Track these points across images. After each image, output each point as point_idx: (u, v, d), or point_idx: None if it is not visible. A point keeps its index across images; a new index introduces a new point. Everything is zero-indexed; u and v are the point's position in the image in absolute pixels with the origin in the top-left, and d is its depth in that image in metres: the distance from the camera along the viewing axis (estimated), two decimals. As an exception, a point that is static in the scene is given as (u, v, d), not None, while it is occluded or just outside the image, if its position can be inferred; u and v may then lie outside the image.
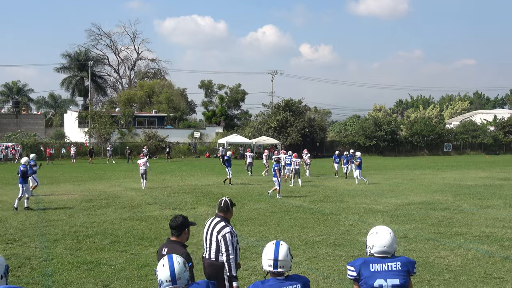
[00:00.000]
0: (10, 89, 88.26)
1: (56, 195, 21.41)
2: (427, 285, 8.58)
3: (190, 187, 24.67)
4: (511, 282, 8.64)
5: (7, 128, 63.91)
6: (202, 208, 17.50)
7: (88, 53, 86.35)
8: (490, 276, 9.04)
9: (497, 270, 9.43)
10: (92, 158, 48.62)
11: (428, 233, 12.92)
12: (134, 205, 18.42)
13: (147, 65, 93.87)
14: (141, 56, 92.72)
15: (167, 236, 12.59)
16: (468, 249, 11.08)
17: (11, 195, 21.17)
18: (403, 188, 23.79)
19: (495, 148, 68.81)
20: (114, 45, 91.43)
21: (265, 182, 27.27)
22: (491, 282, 8.67)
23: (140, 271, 9.48)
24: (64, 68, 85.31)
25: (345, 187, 24.63)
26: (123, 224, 14.38)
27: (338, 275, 9.14)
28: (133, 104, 77.81)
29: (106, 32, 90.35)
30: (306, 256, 10.54)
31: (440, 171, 35.55)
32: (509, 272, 9.26)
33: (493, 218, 15.23)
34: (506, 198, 19.98)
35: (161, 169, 37.95)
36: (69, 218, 15.42)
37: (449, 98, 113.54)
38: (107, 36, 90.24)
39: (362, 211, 16.74)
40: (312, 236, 12.63)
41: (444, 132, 68.34)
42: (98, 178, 30.31)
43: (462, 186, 24.81)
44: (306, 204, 18.52)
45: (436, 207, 17.59)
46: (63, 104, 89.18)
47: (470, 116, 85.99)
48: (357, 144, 63.51)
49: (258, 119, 65.30)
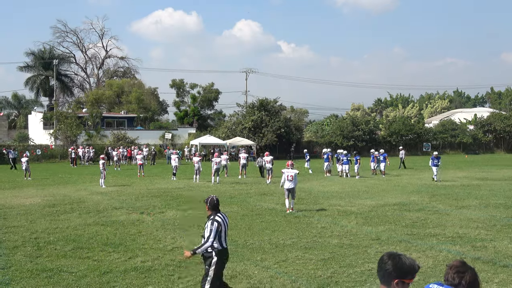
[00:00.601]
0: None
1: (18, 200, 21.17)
2: (396, 287, 8.74)
3: (160, 191, 24.60)
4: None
5: (-33, 130, 62.89)
6: (171, 212, 17.51)
7: (54, 51, 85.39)
8: (460, 277, 9.24)
9: (467, 271, 9.63)
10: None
11: (401, 235, 13.15)
12: (99, 209, 18.31)
13: (116, 64, 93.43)
14: (109, 54, 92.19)
15: (132, 241, 12.61)
16: (440, 250, 11.33)
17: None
18: (379, 189, 24.09)
19: (475, 148, 69.94)
20: (81, 42, 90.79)
21: (238, 184, 27.35)
22: (461, 283, 8.87)
23: (102, 277, 9.47)
24: (28, 67, 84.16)
25: (320, 188, 24.83)
26: (87, 230, 14.31)
27: (306, 279, 9.27)
28: (101, 104, 77.24)
29: (72, 29, 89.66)
30: (275, 260, 10.64)
31: (418, 172, 36.06)
32: (480, 273, 9.40)
33: (467, 218, 15.54)
34: (482, 198, 20.38)
35: (130, 173, 37.78)
36: (30, 224, 15.28)
37: (429, 97, 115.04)
38: (74, 33, 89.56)
39: (336, 213, 16.92)
40: (283, 239, 12.74)
41: (423, 131, 69.25)
42: (63, 182, 30.02)
43: (439, 186, 25.22)
44: (278, 206, 18.62)
45: (411, 208, 17.87)
46: (27, 104, 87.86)
47: (450, 115, 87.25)
48: (334, 144, 63.97)
49: (232, 120, 65.29)
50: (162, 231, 14.11)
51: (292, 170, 17.08)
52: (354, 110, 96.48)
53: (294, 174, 16.97)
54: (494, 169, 37.43)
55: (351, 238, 12.74)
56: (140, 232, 13.96)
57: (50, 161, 53.69)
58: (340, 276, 9.37)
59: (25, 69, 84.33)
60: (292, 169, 17.13)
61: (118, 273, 9.77)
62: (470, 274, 3.75)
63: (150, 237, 13.23)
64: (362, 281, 9.08)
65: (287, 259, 10.70)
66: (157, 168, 42.77)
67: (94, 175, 33.98)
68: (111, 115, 72.78)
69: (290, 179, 16.87)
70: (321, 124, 77.19)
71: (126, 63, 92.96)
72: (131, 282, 9.18)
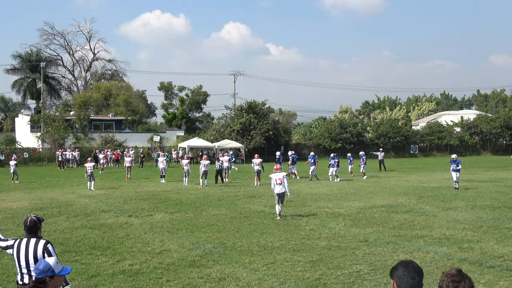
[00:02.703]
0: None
1: (5, 203, 21.03)
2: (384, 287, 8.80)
3: (148, 194, 24.55)
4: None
5: (-47, 133, 62.35)
6: (159, 215, 17.47)
7: (41, 54, 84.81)
8: (447, 278, 9.30)
9: (454, 272, 9.69)
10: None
11: (389, 236, 13.21)
12: (87, 212, 18.24)
13: (103, 66, 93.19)
14: (97, 57, 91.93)
15: (120, 244, 12.57)
16: (427, 252, 11.40)
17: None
18: (367, 191, 24.19)
19: (461, 150, 70.32)
20: (68, 45, 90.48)
21: (226, 187, 27.34)
22: (448, 284, 8.92)
23: (90, 281, 9.44)
24: (14, 70, 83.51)
25: (308, 191, 24.88)
26: (75, 233, 14.25)
27: (294, 281, 9.28)
28: (89, 107, 76.96)
29: (59, 31, 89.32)
30: (263, 262, 10.65)
31: (405, 174, 36.24)
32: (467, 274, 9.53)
33: (454, 220, 15.64)
34: (468, 200, 20.52)
35: (117, 175, 37.66)
36: (17, 228, 15.15)
37: (416, 99, 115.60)
38: (61, 35, 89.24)
39: (324, 215, 16.96)
40: (271, 241, 12.75)
41: (410, 133, 69.56)
42: (51, 185, 29.87)
43: (426, 188, 25.37)
44: (267, 209, 18.65)
45: (399, 210, 17.96)
46: (14, 107, 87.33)
47: (437, 117, 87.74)
48: (322, 146, 64.20)
49: (220, 122, 65.29)
50: (150, 234, 14.08)
51: (279, 173, 16.71)
52: (342, 113, 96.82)
53: (282, 176, 16.55)
54: (480, 171, 37.71)
55: (339, 240, 12.78)
56: (128, 235, 13.91)
57: (37, 164, 53.34)
58: (328, 278, 9.40)
59: (12, 71, 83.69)
60: (280, 172, 16.79)
61: (106, 276, 9.74)
62: (465, 283, 3.73)
63: (138, 240, 13.19)
64: (350, 282, 9.11)
65: (276, 261, 10.71)
66: (145, 171, 42.64)
67: (82, 178, 33.81)
68: (99, 118, 72.47)
69: (279, 183, 16.37)
70: (309, 127, 77.31)
71: (114, 66, 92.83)
72: (119, 285, 9.15)
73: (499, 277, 9.33)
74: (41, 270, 4.35)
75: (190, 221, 16.20)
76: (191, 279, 9.48)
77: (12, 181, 31.72)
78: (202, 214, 17.64)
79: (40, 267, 4.37)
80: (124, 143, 59.27)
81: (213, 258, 11.10)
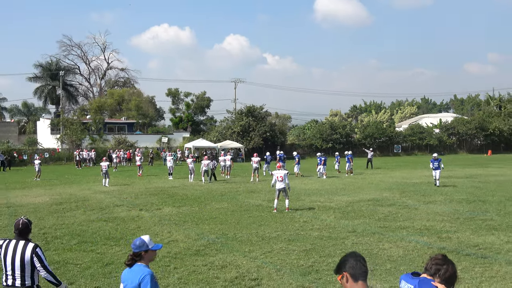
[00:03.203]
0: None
1: (27, 199, 20.99)
2: (371, 274, 8.76)
3: (157, 189, 24.51)
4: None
5: (-19, 135, 62.27)
6: (167, 209, 17.45)
7: (60, 63, 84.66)
8: (427, 265, 9.29)
9: (434, 259, 9.69)
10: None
11: (375, 227, 13.20)
12: (102, 207, 18.21)
13: (117, 74, 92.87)
14: (111, 66, 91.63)
15: (132, 235, 12.54)
16: (409, 241, 11.39)
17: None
18: (355, 187, 24.18)
19: (440, 149, 70.21)
20: (85, 55, 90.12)
21: (227, 183, 27.31)
22: (428, 271, 8.92)
23: (105, 268, 9.42)
24: (36, 78, 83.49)
25: (302, 186, 24.84)
26: (91, 225, 14.22)
27: (290, 268, 9.27)
28: (104, 111, 76.75)
29: (77, 43, 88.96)
30: (261, 251, 10.64)
31: (390, 171, 36.22)
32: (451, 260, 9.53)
33: (434, 212, 15.64)
34: (447, 194, 20.52)
35: (129, 173, 37.63)
36: (39, 221, 15.15)
37: (399, 104, 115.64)
38: (78, 46, 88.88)
39: (316, 208, 16.95)
40: (269, 232, 12.74)
41: (394, 134, 69.51)
42: (69, 182, 29.82)
43: (409, 184, 25.36)
44: (264, 203, 18.63)
45: (384, 203, 17.95)
46: (36, 112, 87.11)
47: (418, 119, 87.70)
48: (314, 146, 64.14)
49: (222, 125, 65.13)
50: (159, 226, 14.07)
51: (281, 171, 16.74)
52: (333, 116, 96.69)
53: (284, 174, 16.53)
54: (457, 168, 37.67)
55: (330, 231, 12.77)
56: (139, 227, 13.90)
57: (57, 163, 53.26)
58: (320, 265, 9.39)
59: (34, 79, 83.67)
60: (282, 170, 16.84)
61: (120, 264, 9.71)
62: (447, 268, 3.69)
63: (148, 231, 13.16)
64: (339, 269, 9.08)
65: (272, 250, 10.70)
66: (155, 169, 42.58)
67: (97, 176, 33.77)
68: (112, 121, 72.26)
69: (280, 180, 16.41)
70: (302, 128, 77.27)
71: (126, 74, 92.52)
72: (131, 272, 9.13)
73: (474, 264, 9.33)
74: (137, 246, 4.64)
75: (195, 214, 16.19)
76: (196, 266, 9.47)
77: (35, 178, 31.66)
78: (206, 207, 17.63)
79: (137, 243, 4.65)
80: (136, 144, 59.17)
81: (216, 247, 11.10)
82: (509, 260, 9.55)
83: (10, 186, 27.74)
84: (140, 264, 4.71)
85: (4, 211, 17.38)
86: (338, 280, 3.48)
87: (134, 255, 4.67)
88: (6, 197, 21.85)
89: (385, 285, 8.13)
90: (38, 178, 31.58)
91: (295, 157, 33.75)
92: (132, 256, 4.67)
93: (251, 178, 28.84)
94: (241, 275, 8.83)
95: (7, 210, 17.77)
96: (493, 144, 71.91)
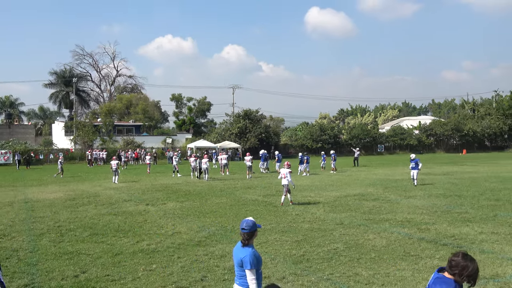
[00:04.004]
0: (3, 103, 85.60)
1: (43, 195, 20.90)
2: (356, 262, 8.78)
3: (162, 186, 24.46)
4: (424, 259, 8.91)
5: (1, 137, 62.08)
6: (172, 204, 17.41)
7: (73, 71, 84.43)
8: (408, 254, 9.31)
9: (414, 249, 9.72)
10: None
11: (360, 220, 13.20)
12: (112, 202, 18.15)
13: (125, 81, 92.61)
14: (120, 73, 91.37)
15: (139, 228, 12.51)
16: (391, 232, 11.39)
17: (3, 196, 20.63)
18: (342, 183, 24.18)
19: (420, 148, 70.45)
20: (96, 63, 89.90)
21: (225, 180, 27.27)
22: (409, 259, 8.93)
23: (114, 258, 9.38)
24: (51, 84, 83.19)
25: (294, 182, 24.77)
26: (102, 219, 14.17)
27: (283, 257, 9.26)
28: (113, 114, 76.46)
29: (89, 53, 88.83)
30: (257, 242, 10.59)
31: (373, 168, 36.27)
32: (424, 251, 9.56)
33: (414, 206, 15.66)
34: (425, 189, 20.56)
35: (137, 171, 37.54)
36: (54, 215, 15.10)
37: (382, 107, 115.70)
38: (90, 56, 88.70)
39: (307, 203, 16.94)
40: (264, 224, 12.71)
41: (377, 135, 69.63)
42: (82, 179, 29.72)
43: (391, 180, 25.39)
44: (260, 198, 18.63)
45: (368, 198, 17.96)
46: (51, 115, 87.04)
47: (399, 122, 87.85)
48: (305, 146, 64.13)
49: (221, 127, 65.11)
50: (164, 219, 14.03)
51: (285, 169, 16.72)
52: (322, 118, 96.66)
53: (286, 172, 16.56)
54: (435, 166, 37.80)
55: (320, 223, 12.76)
56: (146, 220, 13.86)
57: (70, 162, 53.03)
58: (310, 254, 9.38)
59: (49, 86, 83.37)
60: (287, 169, 16.80)
61: (128, 254, 9.69)
62: (465, 265, 3.55)
63: (154, 224, 13.14)
64: (328, 258, 9.09)
65: (267, 241, 10.68)
66: (160, 167, 42.49)
67: (108, 174, 33.70)
68: (121, 123, 72.03)
69: (284, 177, 16.47)
70: (294, 130, 77.25)
71: (134, 81, 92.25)
72: (138, 261, 9.10)
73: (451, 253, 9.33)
74: (251, 226, 4.82)
75: (197, 208, 16.15)
76: (198, 256, 9.44)
77: (61, 176, 31.42)
78: (206, 202, 17.59)
79: (250, 224, 4.83)
80: (142, 144, 59.02)
81: (216, 238, 11.07)
82: (482, 249, 9.57)
83: (28, 183, 27.62)
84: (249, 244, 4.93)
85: (22, 206, 17.30)
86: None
87: (251, 235, 4.83)
88: (24, 193, 21.76)
89: (370, 272, 8.13)
90: (61, 176, 31.29)
91: (276, 156, 34.10)
92: (247, 236, 4.80)
93: (246, 176, 28.88)
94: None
95: (25, 205, 17.69)
96: (467, 144, 72.16)
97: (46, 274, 8.38)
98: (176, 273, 8.27)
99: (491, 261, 8.66)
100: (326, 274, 8.05)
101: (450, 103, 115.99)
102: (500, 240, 10.44)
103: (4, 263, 9.12)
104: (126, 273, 8.31)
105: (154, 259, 9.25)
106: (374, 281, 7.63)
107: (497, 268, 8.26)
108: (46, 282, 7.87)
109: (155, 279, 7.93)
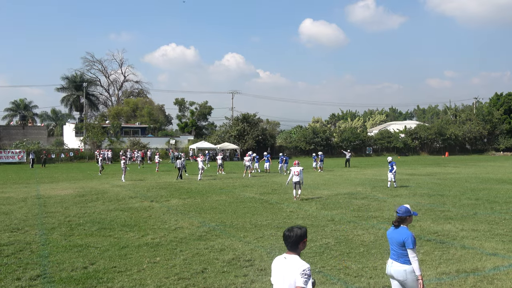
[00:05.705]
0: (17, 105, 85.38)
1: (55, 191, 20.83)
2: (346, 256, 8.78)
3: (166, 184, 24.41)
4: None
5: (15, 137, 61.93)
6: (174, 200, 17.37)
7: (83, 76, 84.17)
8: (394, 249, 9.31)
9: (400, 244, 9.71)
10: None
11: (350, 217, 13.20)
12: (119, 198, 18.10)
13: (132, 86, 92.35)
14: (127, 79, 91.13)
15: (144, 223, 12.48)
16: (379, 229, 11.40)
17: (17, 192, 20.55)
18: (333, 182, 24.18)
19: (405, 151, 70.64)
20: (104, 69, 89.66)
21: (224, 179, 27.24)
22: (395, 253, 8.93)
23: (121, 251, 9.35)
24: (63, 88, 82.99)
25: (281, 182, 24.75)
26: (109, 214, 14.13)
27: (278, 251, 9.23)
28: (121, 117, 76.30)
29: (98, 59, 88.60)
30: (254, 237, 10.61)
31: (362, 169, 36.29)
32: (409, 246, 9.54)
33: (400, 204, 15.59)
34: (411, 189, 20.58)
35: (143, 170, 37.46)
36: (65, 210, 15.05)
37: (370, 112, 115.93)
38: (99, 62, 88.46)
39: (300, 201, 16.93)
40: (260, 220, 12.71)
41: (366, 138, 69.79)
42: (91, 177, 29.64)
43: (378, 180, 25.40)
44: (257, 196, 18.61)
45: (357, 196, 17.97)
46: (63, 117, 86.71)
47: (386, 126, 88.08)
48: (299, 148, 64.17)
49: (221, 129, 65.06)
50: (168, 215, 14.00)
51: (298, 167, 16.89)
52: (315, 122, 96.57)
53: (300, 170, 16.81)
54: (419, 167, 37.85)
55: (312, 220, 12.76)
56: (150, 216, 13.83)
57: (80, 161, 52.99)
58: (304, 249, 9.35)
59: (61, 90, 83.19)
60: (298, 167, 16.93)
61: (133, 247, 9.66)
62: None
63: (158, 219, 13.11)
64: (320, 252, 9.09)
65: (264, 236, 10.67)
66: (163, 166, 42.42)
67: (115, 172, 33.64)
68: (128, 125, 71.84)
69: (297, 174, 16.73)
70: (289, 133, 77.30)
71: (140, 86, 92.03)
72: (143, 254, 9.08)
73: (434, 248, 9.36)
74: (404, 211, 5.12)
75: (198, 205, 16.13)
76: (199, 249, 9.42)
77: (99, 174, 31.83)
78: (207, 199, 17.57)
79: (403, 209, 5.12)
80: (148, 145, 58.92)
81: (215, 233, 11.05)
82: (463, 245, 9.59)
83: (41, 180, 27.54)
84: (404, 227, 5.18)
85: (35, 202, 17.23)
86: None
87: (400, 220, 5.14)
88: (36, 190, 21.69)
89: (359, 265, 8.13)
90: (99, 173, 31.76)
91: (264, 156, 34.26)
92: (399, 219, 5.14)
93: (243, 174, 28.86)
94: (237, 257, 8.80)
95: (37, 201, 17.62)
96: (449, 147, 72.37)
97: (57, 265, 8.35)
98: (178, 265, 8.25)
99: (471, 256, 8.68)
100: (318, 267, 8.04)
101: (434, 109, 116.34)
102: (480, 236, 10.46)
103: (17, 255, 9.09)
104: (132, 265, 8.29)
105: (158, 252, 9.22)
106: (363, 274, 7.63)
107: (477, 262, 8.27)
108: (57, 273, 7.84)
109: (159, 271, 7.91)
